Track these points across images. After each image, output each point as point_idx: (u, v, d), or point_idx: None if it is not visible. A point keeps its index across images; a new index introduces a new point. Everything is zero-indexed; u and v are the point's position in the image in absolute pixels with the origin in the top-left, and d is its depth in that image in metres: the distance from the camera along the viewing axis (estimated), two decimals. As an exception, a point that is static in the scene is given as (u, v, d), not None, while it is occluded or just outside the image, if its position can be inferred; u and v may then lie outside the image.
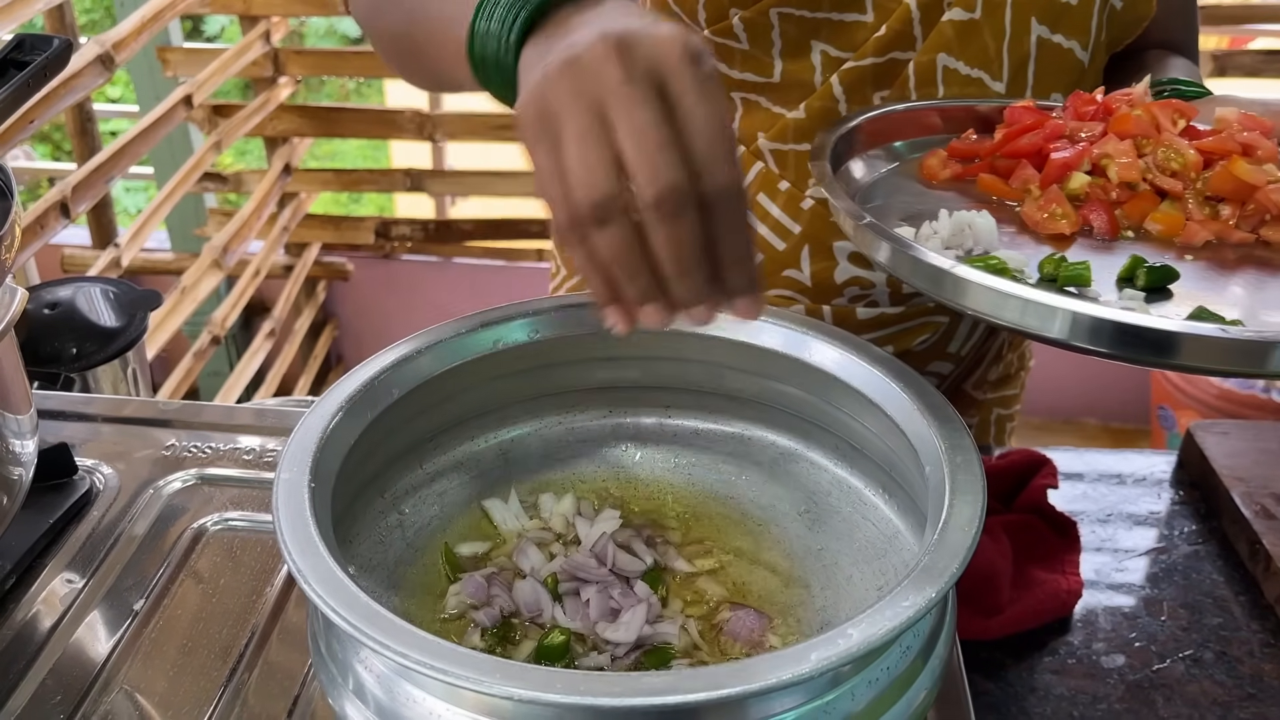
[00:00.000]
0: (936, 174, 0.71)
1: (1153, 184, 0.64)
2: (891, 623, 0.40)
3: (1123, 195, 0.64)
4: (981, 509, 0.46)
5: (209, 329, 2.26)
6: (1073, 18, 0.77)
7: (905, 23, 0.75)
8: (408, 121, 2.60)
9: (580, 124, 0.42)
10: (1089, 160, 0.65)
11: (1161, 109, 0.67)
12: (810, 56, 0.78)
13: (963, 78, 0.77)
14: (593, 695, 0.38)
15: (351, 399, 0.54)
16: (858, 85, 0.78)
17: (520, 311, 0.61)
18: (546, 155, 0.44)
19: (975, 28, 0.76)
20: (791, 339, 0.59)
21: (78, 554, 0.66)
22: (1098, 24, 0.79)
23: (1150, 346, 0.51)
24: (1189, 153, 0.64)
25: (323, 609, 0.42)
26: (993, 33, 0.76)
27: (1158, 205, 0.63)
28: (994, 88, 0.78)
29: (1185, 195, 0.63)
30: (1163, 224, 0.62)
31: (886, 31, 0.76)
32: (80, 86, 1.63)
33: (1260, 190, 0.61)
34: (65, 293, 0.96)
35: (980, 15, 0.75)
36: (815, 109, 0.79)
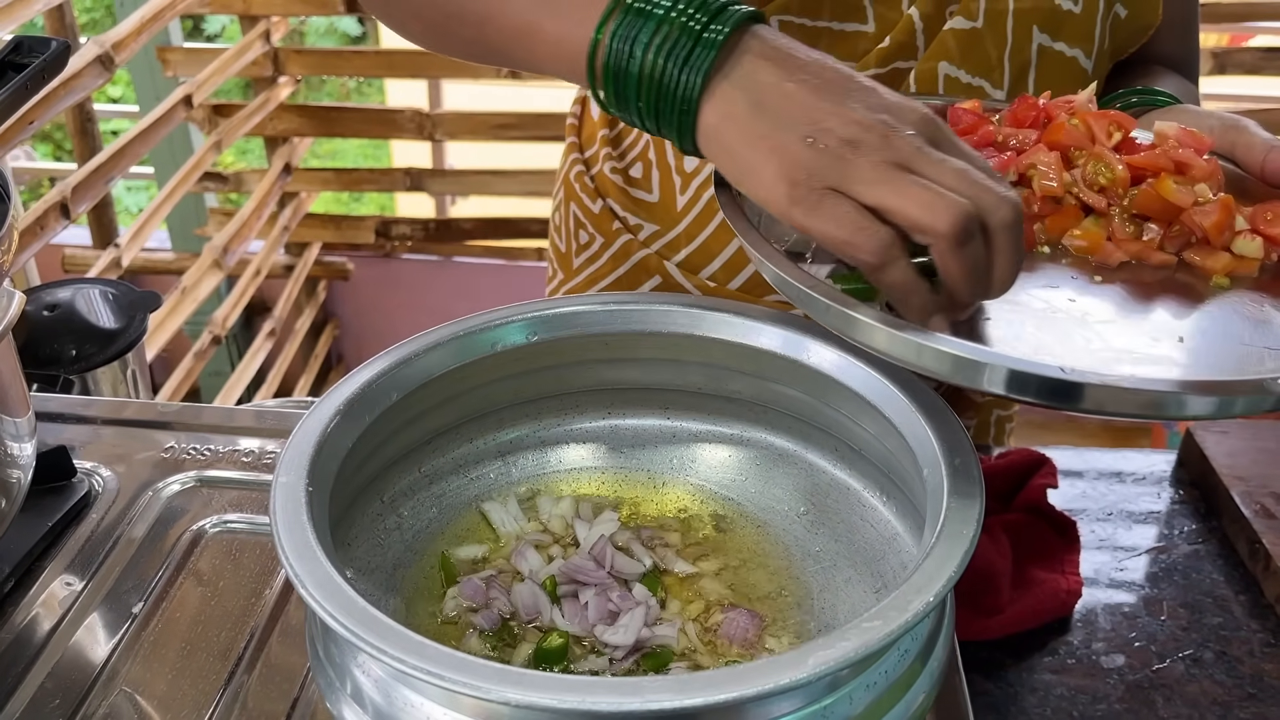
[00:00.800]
0: None
1: (1078, 198, 0.61)
2: (889, 627, 0.40)
3: (1045, 208, 0.61)
4: (979, 512, 0.46)
5: (210, 329, 2.26)
6: (1075, 26, 0.77)
7: (909, 34, 0.75)
8: (408, 121, 2.60)
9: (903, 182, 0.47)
10: (1015, 170, 0.62)
11: (1098, 120, 0.63)
12: None
13: (964, 86, 0.77)
14: (591, 700, 0.38)
15: (349, 402, 0.54)
16: None
17: (519, 313, 0.61)
18: (835, 210, 0.48)
19: (977, 36, 0.76)
20: (790, 341, 0.59)
21: (77, 556, 0.66)
22: (1101, 32, 0.78)
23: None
24: (1118, 168, 0.60)
25: (320, 614, 0.42)
26: (994, 41, 0.76)
27: (1081, 221, 0.60)
28: (995, 95, 0.78)
29: (1110, 212, 0.60)
30: (1082, 240, 0.59)
31: (890, 43, 0.76)
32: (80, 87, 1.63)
33: (1186, 211, 0.58)
34: (64, 294, 0.96)
35: (982, 24, 0.75)
36: None
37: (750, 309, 0.60)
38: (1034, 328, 0.52)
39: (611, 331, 0.62)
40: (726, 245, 0.84)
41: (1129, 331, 0.53)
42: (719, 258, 0.85)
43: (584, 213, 0.93)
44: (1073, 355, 0.50)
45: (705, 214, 0.85)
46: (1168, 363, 0.51)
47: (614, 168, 0.90)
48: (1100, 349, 0.51)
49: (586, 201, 0.93)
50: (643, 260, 0.89)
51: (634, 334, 0.62)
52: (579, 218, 0.94)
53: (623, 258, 0.90)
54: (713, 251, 0.85)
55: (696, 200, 0.85)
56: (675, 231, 0.87)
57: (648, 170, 0.88)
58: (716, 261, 0.85)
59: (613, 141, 0.92)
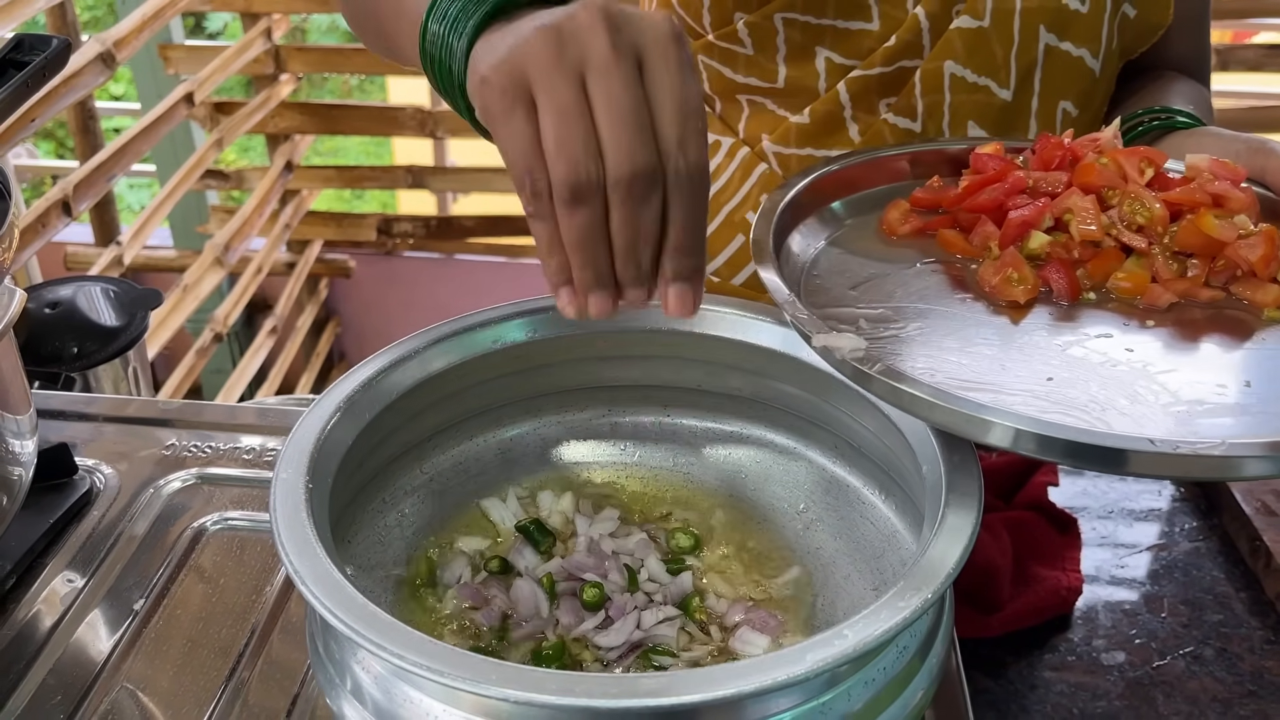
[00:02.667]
0: (896, 228, 0.65)
1: (1118, 240, 0.60)
2: (888, 623, 0.40)
3: (1085, 253, 0.60)
4: (978, 509, 0.46)
5: (211, 326, 2.26)
6: (1082, 26, 0.77)
7: (914, 33, 0.75)
8: (409, 118, 2.60)
9: (562, 97, 0.42)
10: (1051, 216, 0.61)
11: (1128, 157, 0.63)
12: (814, 63, 0.78)
13: (969, 85, 0.77)
14: (589, 696, 0.38)
15: (349, 399, 0.54)
16: (864, 93, 0.77)
17: (518, 311, 0.61)
18: (520, 127, 0.43)
19: (983, 36, 0.76)
20: (790, 338, 0.59)
21: (78, 553, 0.66)
22: (1109, 32, 0.78)
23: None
24: (1155, 206, 0.59)
25: (319, 610, 0.42)
26: (1000, 40, 0.76)
27: (1123, 262, 0.59)
28: (1000, 95, 0.78)
29: (1152, 251, 0.59)
30: (1127, 283, 0.58)
31: (896, 42, 0.76)
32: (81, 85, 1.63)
33: (1230, 246, 0.58)
34: (66, 292, 0.96)
35: (989, 23, 0.75)
36: (820, 114, 0.79)
37: (750, 306, 0.60)
38: (1098, 386, 0.51)
39: (611, 329, 0.62)
40: (729, 242, 0.84)
41: (1194, 380, 0.52)
42: (722, 254, 0.85)
43: None
44: (1148, 415, 0.49)
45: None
46: (1241, 412, 0.49)
47: None
48: (1170, 403, 0.50)
49: None
50: None
51: (633, 331, 0.62)
52: None
53: None
54: (715, 248, 0.85)
55: None
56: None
57: None
58: (720, 258, 0.85)
59: None
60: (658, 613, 0.54)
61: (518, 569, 0.57)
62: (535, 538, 0.59)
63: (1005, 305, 0.58)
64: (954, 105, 0.77)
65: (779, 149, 0.81)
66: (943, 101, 0.77)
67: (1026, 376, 0.52)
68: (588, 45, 0.42)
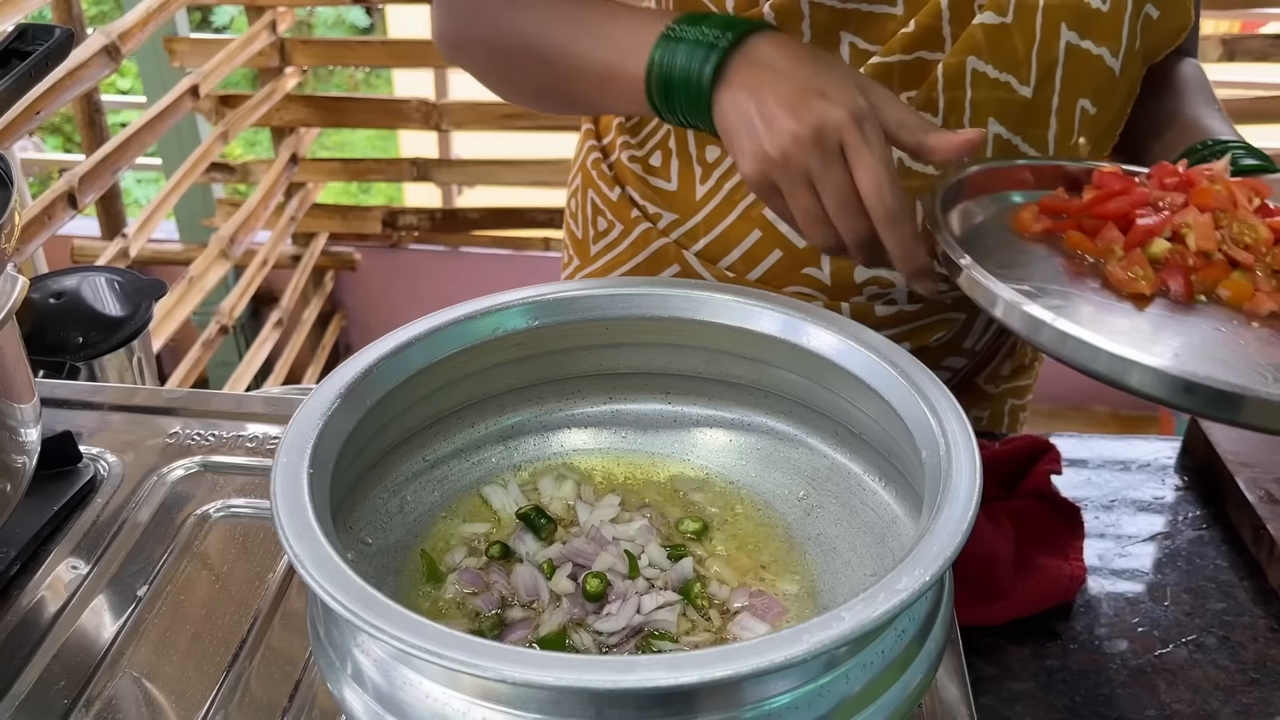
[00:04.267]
0: (1029, 227, 0.75)
1: (1227, 254, 0.70)
2: (885, 606, 0.40)
3: (1199, 263, 0.70)
4: (977, 493, 0.46)
5: (217, 319, 2.27)
6: (1103, 25, 0.77)
7: (934, 18, 0.75)
8: (414, 111, 2.60)
9: (837, 183, 0.62)
10: (1170, 228, 0.71)
11: (1239, 186, 0.73)
12: (839, 48, 0.78)
13: (990, 80, 0.77)
14: (587, 677, 0.38)
15: (350, 386, 0.54)
16: (884, 81, 0.77)
17: (520, 298, 0.61)
18: (805, 202, 0.63)
19: (1005, 32, 0.75)
20: (789, 324, 0.59)
21: (82, 541, 0.67)
22: (1130, 32, 0.78)
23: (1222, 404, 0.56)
24: (1262, 229, 0.70)
25: (319, 594, 0.42)
26: (1022, 36, 0.76)
27: (1230, 274, 0.69)
28: (1021, 92, 0.77)
29: (1256, 267, 0.69)
30: (1233, 291, 0.68)
31: (915, 28, 0.75)
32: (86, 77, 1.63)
33: None
34: (70, 282, 0.96)
35: (1011, 19, 0.75)
36: None
37: (750, 293, 0.60)
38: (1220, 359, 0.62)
39: (612, 316, 0.62)
40: (746, 236, 0.84)
41: None
42: (738, 248, 0.85)
43: (602, 200, 0.93)
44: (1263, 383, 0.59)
45: (725, 204, 0.85)
46: None
47: (632, 156, 0.90)
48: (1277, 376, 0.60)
49: (604, 189, 0.92)
50: (661, 249, 0.88)
51: (634, 318, 0.62)
52: (597, 205, 0.94)
53: (641, 245, 0.90)
54: (731, 242, 0.85)
55: (717, 190, 0.85)
56: (694, 221, 0.87)
57: (667, 159, 0.87)
58: (735, 252, 0.85)
59: (630, 130, 0.91)
60: (658, 597, 0.54)
61: (518, 554, 0.58)
62: (536, 524, 0.59)
63: (1130, 296, 0.67)
64: (975, 101, 0.77)
65: None
66: (964, 97, 0.77)
67: (1159, 345, 0.63)
68: (808, 164, 0.61)
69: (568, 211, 1.00)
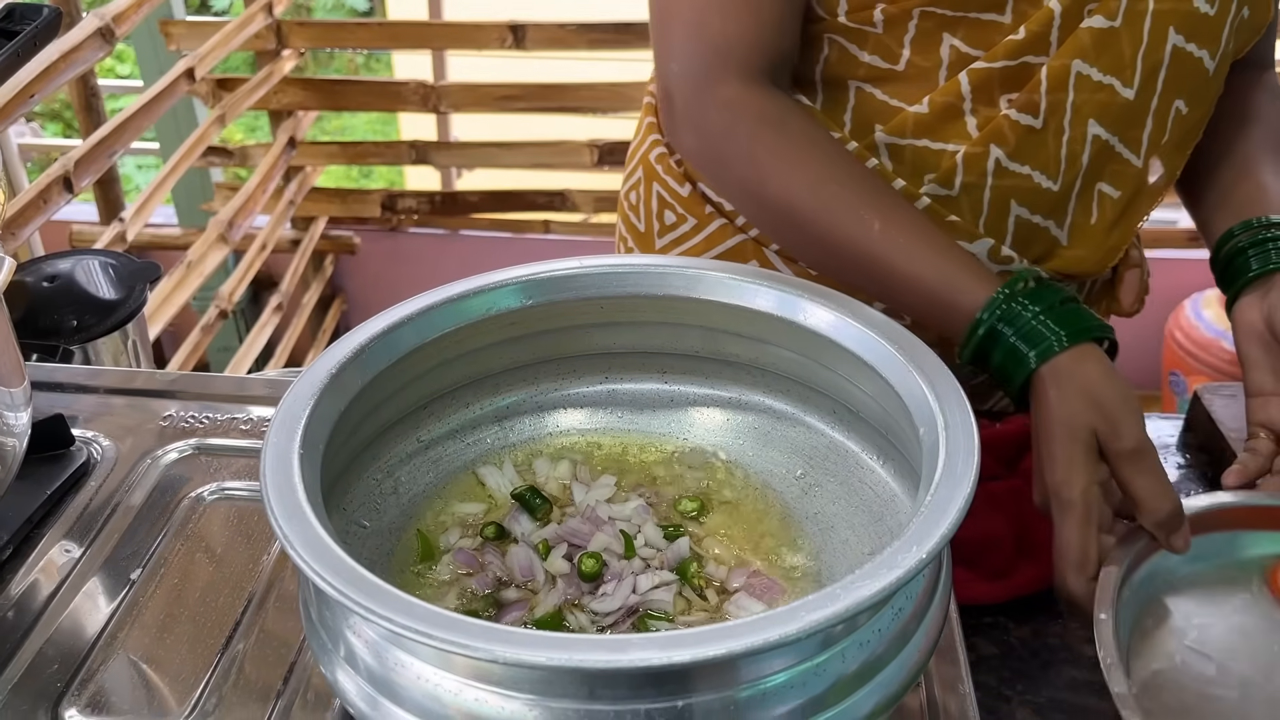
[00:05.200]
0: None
1: None
2: (882, 582, 0.39)
3: None
4: (975, 469, 0.45)
5: (216, 303, 2.26)
6: (1208, 28, 0.76)
7: (1045, 26, 0.74)
8: (412, 93, 2.59)
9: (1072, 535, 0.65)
10: None
11: None
12: (939, 50, 0.76)
13: (1094, 84, 0.76)
14: (579, 656, 0.38)
15: (342, 366, 0.54)
16: (985, 86, 0.76)
17: (513, 277, 0.60)
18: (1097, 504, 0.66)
19: (1114, 36, 0.74)
20: (785, 301, 0.58)
21: (75, 524, 0.66)
22: (1227, 34, 0.78)
23: None
24: None
25: (309, 574, 0.42)
26: (1130, 40, 0.75)
27: None
28: (1123, 94, 0.76)
29: None
30: None
31: (1025, 35, 0.74)
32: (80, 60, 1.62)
33: None
34: (64, 265, 0.96)
35: (1121, 23, 0.74)
36: (939, 104, 0.77)
37: (747, 270, 0.60)
38: None
39: (607, 295, 0.61)
40: None
41: None
42: None
43: (671, 195, 0.91)
44: None
45: None
46: None
47: None
48: None
49: (673, 184, 0.90)
50: (739, 245, 0.87)
51: (630, 297, 0.61)
52: (664, 199, 0.91)
53: (717, 240, 0.88)
54: None
55: None
56: None
57: None
58: None
59: None
60: (654, 577, 0.53)
61: (514, 535, 0.57)
62: (531, 504, 0.58)
63: None
64: (1076, 104, 0.76)
65: (893, 140, 0.79)
66: (1066, 100, 0.76)
67: None
68: (1092, 495, 0.65)
69: (625, 204, 0.97)
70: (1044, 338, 0.66)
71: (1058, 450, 0.65)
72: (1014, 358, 0.67)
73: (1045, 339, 0.66)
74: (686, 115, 0.77)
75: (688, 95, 0.76)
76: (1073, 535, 0.64)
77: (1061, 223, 0.81)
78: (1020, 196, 0.79)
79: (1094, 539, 0.64)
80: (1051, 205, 0.80)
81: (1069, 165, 0.78)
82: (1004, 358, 0.67)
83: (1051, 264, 0.83)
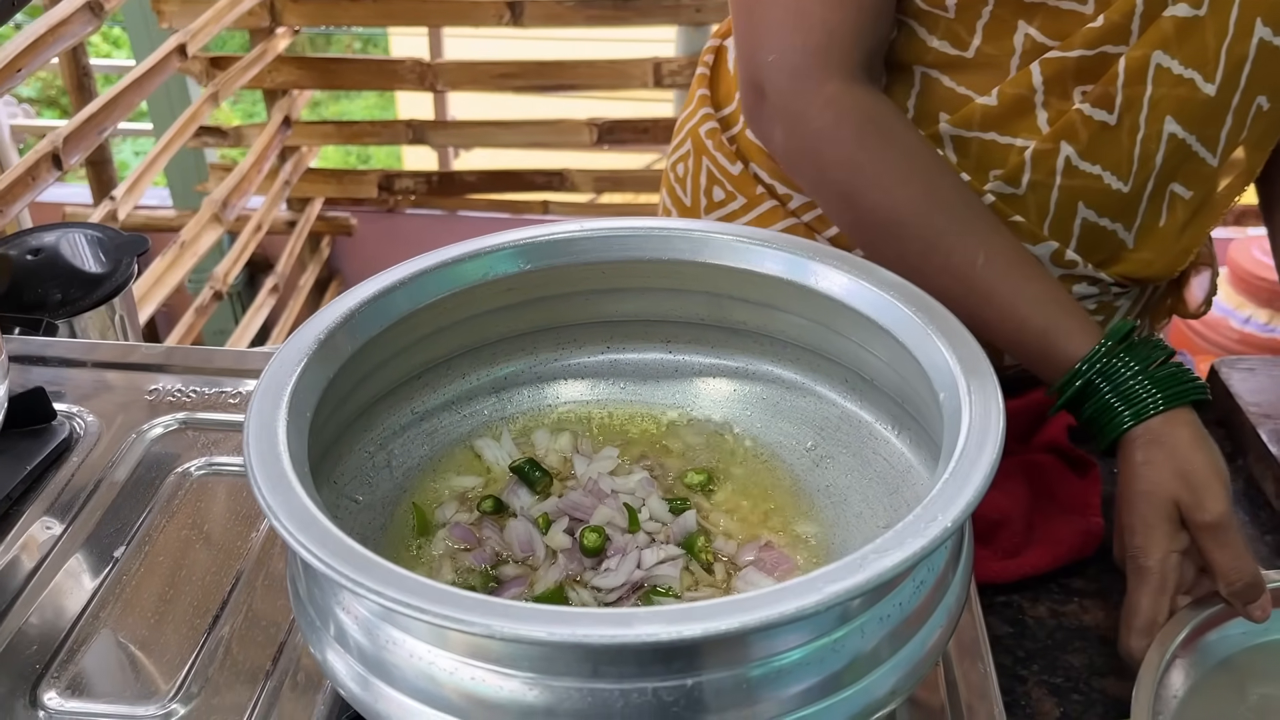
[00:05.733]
0: None
1: None
2: (907, 552, 0.37)
3: None
4: (1000, 435, 0.43)
5: (211, 284, 2.23)
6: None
7: (1126, 14, 0.70)
8: (408, 71, 2.55)
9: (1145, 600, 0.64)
10: None
11: None
12: (1013, 38, 0.73)
13: (1174, 77, 0.72)
14: (582, 631, 0.35)
15: (331, 332, 0.51)
16: (1060, 77, 0.72)
17: (511, 240, 0.57)
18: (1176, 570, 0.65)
19: (1198, 25, 0.70)
20: (795, 264, 0.55)
21: (56, 500, 0.64)
22: None
23: None
24: None
25: (294, 547, 0.39)
26: (1215, 31, 0.71)
27: None
28: (1204, 90, 0.72)
29: None
30: None
31: (1104, 23, 0.70)
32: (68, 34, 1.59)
33: None
34: (49, 238, 0.93)
35: (1205, 12, 0.70)
36: (1009, 96, 0.73)
37: (755, 233, 0.57)
38: None
39: (609, 259, 0.58)
40: None
41: None
42: None
43: (720, 172, 0.87)
44: None
45: None
46: None
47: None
48: None
49: (724, 162, 0.87)
50: (789, 229, 0.83)
51: (632, 261, 0.58)
52: (714, 175, 0.88)
53: (767, 222, 0.85)
54: None
55: None
56: None
57: None
58: None
59: None
60: (659, 552, 0.51)
61: (512, 509, 0.55)
62: (531, 477, 0.56)
63: None
64: (1154, 99, 0.72)
65: (959, 132, 0.75)
66: (1143, 94, 0.72)
67: None
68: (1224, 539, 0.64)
69: (671, 175, 0.94)
70: (1140, 399, 0.65)
71: (1138, 518, 0.64)
72: (1108, 414, 0.66)
73: (1141, 401, 0.65)
74: (781, 110, 0.72)
75: (784, 89, 0.71)
76: (1143, 600, 0.63)
77: (1130, 226, 0.78)
78: (1089, 198, 0.75)
79: (1164, 607, 0.64)
80: (1121, 207, 0.76)
81: (1141, 165, 0.74)
82: (1097, 412, 0.67)
83: (1117, 268, 0.80)
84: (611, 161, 3.04)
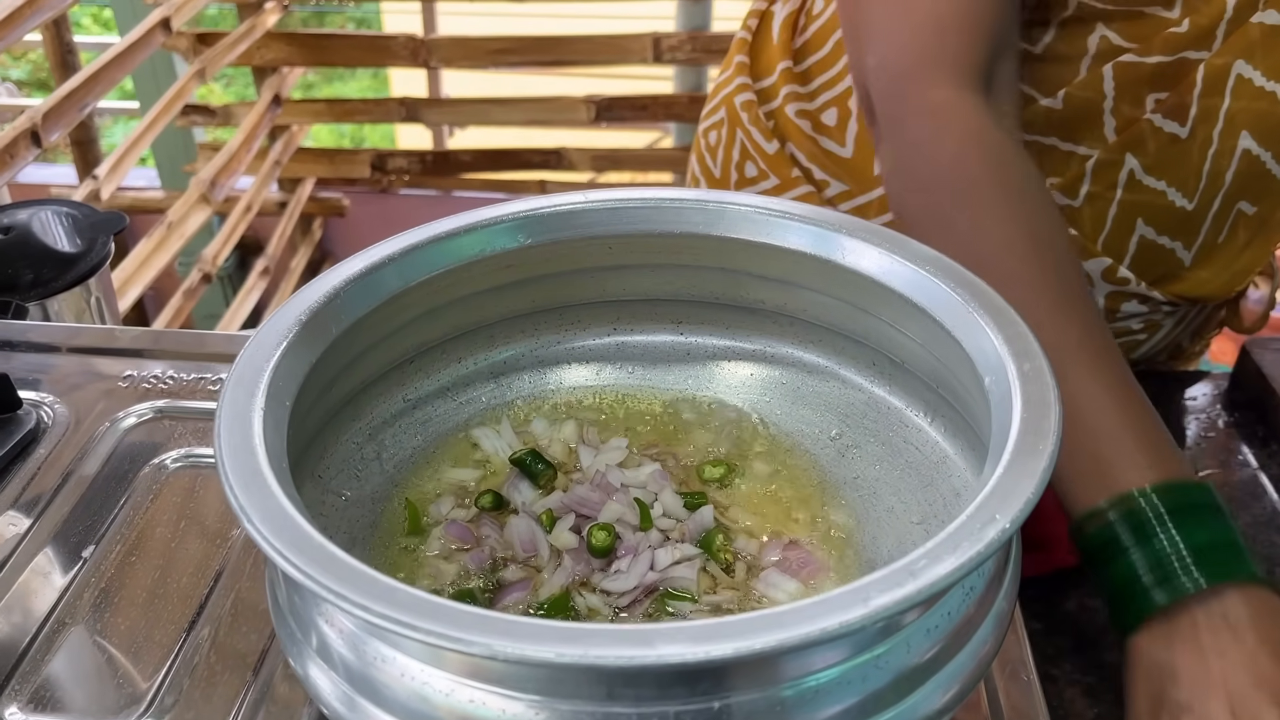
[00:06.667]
0: None
1: None
2: (964, 556, 0.32)
3: None
4: (1057, 422, 0.38)
5: (200, 266, 2.18)
6: None
7: (1214, 20, 0.65)
8: (401, 47, 2.49)
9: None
10: None
11: None
12: (1087, 38, 0.67)
13: (1254, 89, 0.66)
14: (595, 652, 0.31)
15: (313, 312, 0.46)
16: (1133, 84, 0.67)
17: (509, 213, 0.53)
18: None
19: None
20: (820, 238, 0.51)
21: (22, 495, 0.59)
22: None
23: None
24: None
25: (269, 553, 0.35)
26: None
27: None
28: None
29: None
30: None
31: (1189, 28, 0.65)
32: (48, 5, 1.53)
33: None
34: (21, 216, 0.88)
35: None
36: (1076, 100, 0.68)
37: (775, 203, 0.52)
38: None
39: (616, 233, 0.54)
40: None
41: None
42: None
43: (754, 148, 0.82)
44: None
45: None
46: None
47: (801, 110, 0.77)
48: None
49: (759, 138, 0.81)
50: None
51: (641, 235, 0.54)
52: (748, 150, 0.82)
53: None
54: None
55: None
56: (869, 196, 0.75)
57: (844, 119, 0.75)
58: None
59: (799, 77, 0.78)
60: (674, 551, 0.47)
61: (513, 505, 0.50)
62: (533, 470, 0.52)
63: None
64: (1231, 112, 0.67)
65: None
66: (1220, 106, 0.67)
67: None
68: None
69: (704, 141, 0.87)
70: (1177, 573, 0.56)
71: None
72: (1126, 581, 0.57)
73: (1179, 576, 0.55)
74: (886, 125, 0.63)
75: (886, 96, 0.62)
76: None
77: (1190, 245, 0.73)
78: (1149, 214, 0.70)
79: None
80: (1182, 226, 0.72)
81: (1210, 182, 0.69)
82: (1114, 569, 0.58)
83: (1172, 287, 0.75)
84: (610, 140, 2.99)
